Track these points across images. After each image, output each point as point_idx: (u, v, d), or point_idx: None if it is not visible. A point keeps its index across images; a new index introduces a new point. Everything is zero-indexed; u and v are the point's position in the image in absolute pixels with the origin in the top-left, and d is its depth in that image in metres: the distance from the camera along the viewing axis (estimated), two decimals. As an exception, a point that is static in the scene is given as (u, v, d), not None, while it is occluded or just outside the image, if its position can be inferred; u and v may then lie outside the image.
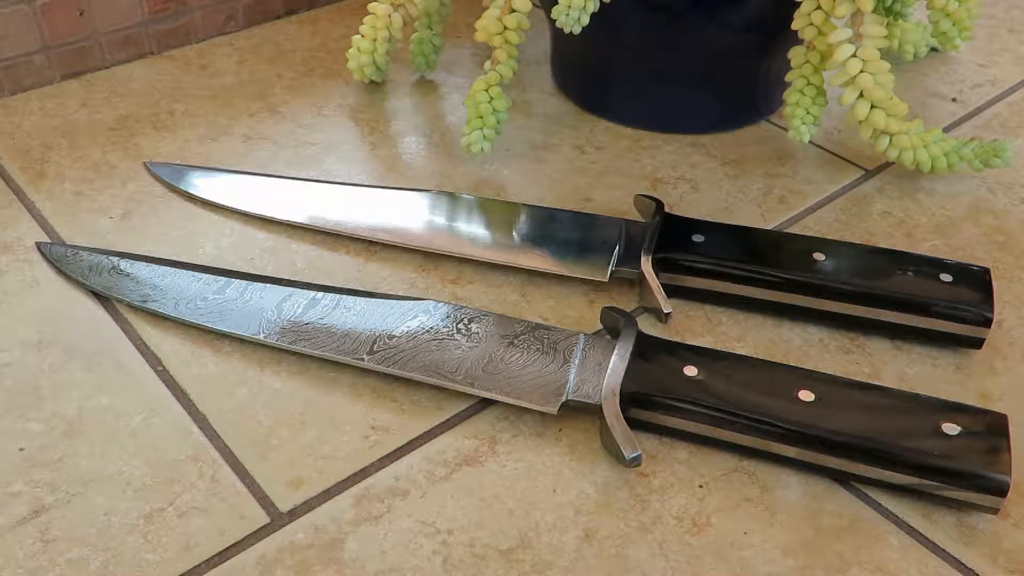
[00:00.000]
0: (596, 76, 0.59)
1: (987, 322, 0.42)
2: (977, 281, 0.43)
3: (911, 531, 0.36)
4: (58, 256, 0.46)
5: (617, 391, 0.37)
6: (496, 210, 0.50)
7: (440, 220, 0.49)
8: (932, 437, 0.35)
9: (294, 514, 0.35)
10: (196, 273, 0.44)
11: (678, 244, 0.45)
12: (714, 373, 0.38)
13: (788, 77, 0.52)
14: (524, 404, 0.38)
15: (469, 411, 0.40)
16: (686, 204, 0.52)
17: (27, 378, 0.40)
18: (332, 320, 0.42)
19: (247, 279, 0.44)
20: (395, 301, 0.42)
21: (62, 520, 0.35)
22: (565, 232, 0.47)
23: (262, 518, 0.35)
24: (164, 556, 0.34)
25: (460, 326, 0.41)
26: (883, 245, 0.48)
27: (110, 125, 0.57)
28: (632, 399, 0.37)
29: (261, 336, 0.41)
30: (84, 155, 0.54)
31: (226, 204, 0.50)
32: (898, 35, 0.62)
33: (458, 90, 0.61)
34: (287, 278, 0.45)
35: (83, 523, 0.35)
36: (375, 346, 0.40)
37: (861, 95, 0.48)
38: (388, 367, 0.39)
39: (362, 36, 0.57)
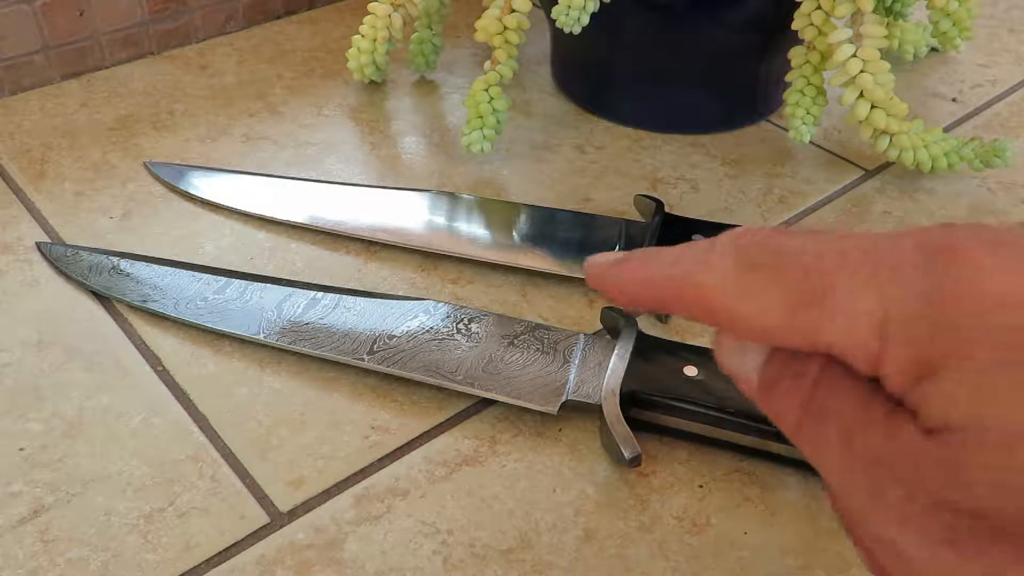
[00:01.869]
0: (596, 76, 0.59)
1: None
2: (977, 281, 0.43)
3: (911, 531, 0.35)
4: (58, 256, 0.46)
5: (617, 391, 0.37)
6: (496, 210, 0.50)
7: (440, 220, 0.49)
8: (932, 437, 0.35)
9: (294, 514, 0.35)
10: (196, 273, 0.44)
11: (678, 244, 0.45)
12: (714, 373, 0.38)
13: (788, 77, 0.52)
14: (524, 404, 0.38)
15: (469, 411, 0.40)
16: (686, 204, 0.52)
17: (27, 378, 0.40)
18: (332, 320, 0.42)
19: (247, 279, 0.44)
20: (395, 301, 0.42)
21: (62, 520, 0.35)
22: (565, 232, 0.47)
23: (262, 518, 0.35)
24: (164, 556, 0.34)
25: (460, 326, 0.41)
26: (883, 245, 0.48)
27: (110, 125, 0.57)
28: (632, 399, 0.37)
29: (261, 336, 0.41)
30: (84, 155, 0.54)
31: (226, 204, 0.50)
32: (898, 35, 0.62)
33: (458, 90, 0.61)
34: (287, 278, 0.45)
35: (83, 523, 0.35)
36: (375, 346, 0.40)
37: (861, 95, 0.48)
38: (388, 367, 0.39)
39: (362, 36, 0.57)
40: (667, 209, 0.47)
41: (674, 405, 0.37)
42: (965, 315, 0.20)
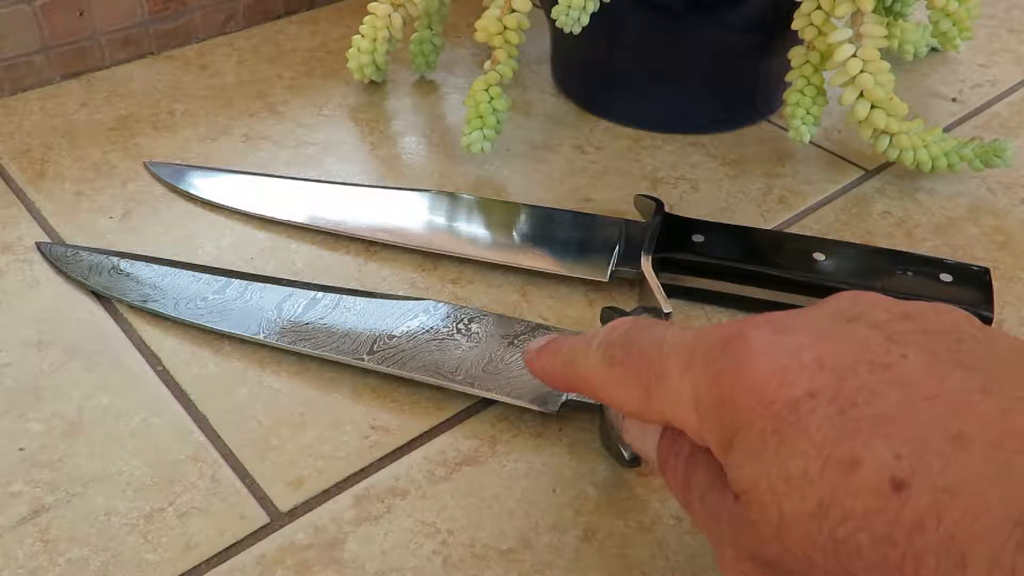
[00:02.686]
0: (596, 76, 0.59)
1: (987, 322, 0.42)
2: (977, 281, 0.43)
3: (911, 531, 0.35)
4: (58, 256, 0.46)
5: (617, 391, 0.37)
6: (496, 210, 0.50)
7: (440, 220, 0.49)
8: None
9: (294, 514, 0.35)
10: (196, 273, 0.44)
11: (678, 244, 0.45)
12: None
13: (788, 77, 0.52)
14: (524, 404, 0.38)
15: (469, 411, 0.40)
16: (686, 204, 0.52)
17: (27, 378, 0.40)
18: (332, 320, 0.42)
19: (247, 279, 0.44)
20: (395, 301, 0.42)
21: (62, 520, 0.35)
22: (565, 232, 0.47)
23: (262, 518, 0.35)
24: (164, 556, 0.34)
25: (460, 326, 0.41)
26: (883, 245, 0.48)
27: (110, 125, 0.57)
28: (632, 399, 0.37)
29: (261, 336, 0.41)
30: (84, 155, 0.54)
31: (226, 204, 0.50)
32: (898, 35, 0.62)
33: (458, 90, 0.61)
34: (287, 278, 0.45)
35: (83, 523, 0.35)
36: (375, 346, 0.40)
37: (861, 95, 0.48)
38: (388, 367, 0.40)
39: (362, 36, 0.57)
40: (667, 209, 0.47)
41: (674, 405, 0.37)
42: (740, 393, 0.23)
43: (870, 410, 0.21)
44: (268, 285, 0.44)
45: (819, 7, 0.48)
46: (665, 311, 0.43)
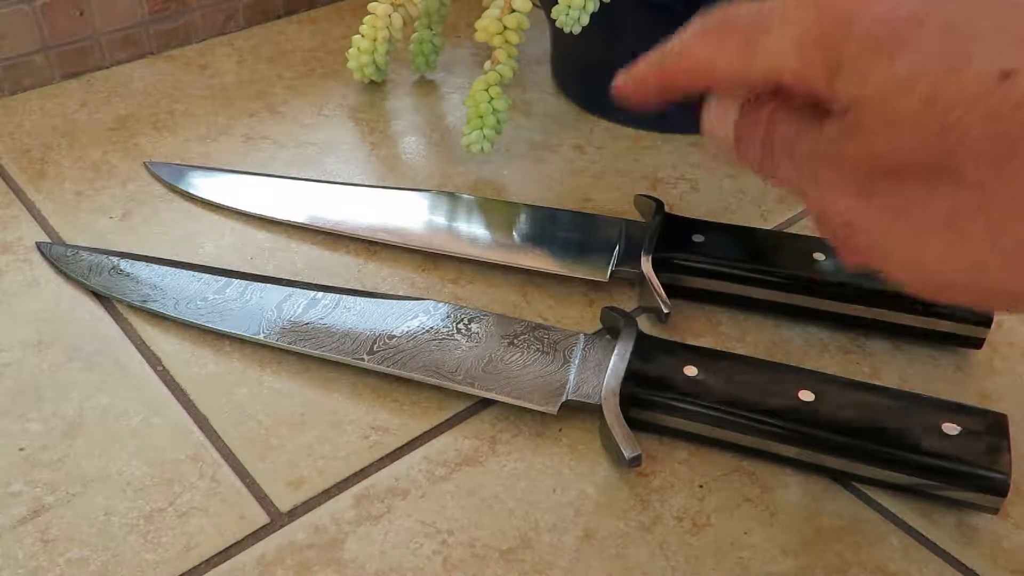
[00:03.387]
0: (596, 76, 0.58)
1: (987, 322, 0.42)
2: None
3: (911, 531, 0.36)
4: (58, 256, 0.46)
5: (617, 391, 0.37)
6: (496, 210, 0.50)
7: (440, 220, 0.49)
8: (932, 437, 0.35)
9: (294, 514, 0.36)
10: (196, 273, 0.44)
11: (678, 244, 0.45)
12: (714, 373, 0.38)
13: (788, 77, 0.52)
14: (524, 404, 0.38)
15: (469, 411, 0.40)
16: (686, 204, 0.52)
17: (27, 378, 0.40)
18: (332, 320, 0.42)
19: (247, 279, 0.44)
20: (395, 301, 0.42)
21: (62, 520, 0.35)
22: (565, 232, 0.47)
23: (262, 518, 0.35)
24: (164, 556, 0.34)
25: (460, 326, 0.41)
26: (883, 245, 0.48)
27: (110, 125, 0.57)
28: (632, 399, 0.37)
29: (261, 336, 0.41)
30: (84, 155, 0.54)
31: (226, 204, 0.50)
32: (898, 35, 0.62)
33: (458, 90, 0.61)
34: (287, 278, 0.45)
35: (83, 523, 0.35)
36: (375, 346, 0.40)
37: (861, 95, 0.48)
38: (388, 367, 0.40)
39: (362, 36, 0.57)
40: (667, 209, 0.47)
41: (674, 405, 0.37)
42: (847, 20, 0.26)
43: (971, 27, 0.25)
44: (268, 285, 0.44)
45: (819, 7, 0.48)
46: (665, 311, 0.43)
